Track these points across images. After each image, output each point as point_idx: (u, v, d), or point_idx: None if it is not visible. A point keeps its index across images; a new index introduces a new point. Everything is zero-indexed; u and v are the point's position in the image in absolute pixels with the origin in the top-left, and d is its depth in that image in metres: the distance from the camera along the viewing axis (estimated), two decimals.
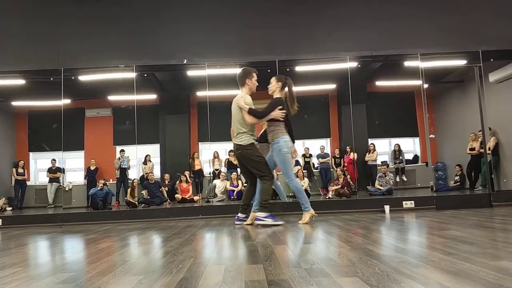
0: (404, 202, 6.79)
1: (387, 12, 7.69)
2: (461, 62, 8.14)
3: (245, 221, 5.15)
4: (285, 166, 4.98)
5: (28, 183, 10.72)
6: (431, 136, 8.09)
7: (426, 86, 7.94)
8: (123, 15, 7.77)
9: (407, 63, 8.31)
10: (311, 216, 4.96)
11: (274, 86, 5.12)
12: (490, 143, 8.07)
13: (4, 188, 10.37)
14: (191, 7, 7.78)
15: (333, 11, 7.77)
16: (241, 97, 4.98)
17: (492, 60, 7.85)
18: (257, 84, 5.16)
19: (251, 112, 4.87)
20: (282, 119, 4.97)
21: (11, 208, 9.54)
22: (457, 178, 9.59)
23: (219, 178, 9.87)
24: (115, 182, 9.97)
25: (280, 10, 7.77)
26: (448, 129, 10.35)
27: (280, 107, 4.95)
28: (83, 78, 8.54)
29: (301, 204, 5.00)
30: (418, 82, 7.80)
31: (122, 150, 10.15)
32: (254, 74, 5.10)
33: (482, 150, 8.06)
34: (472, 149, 8.77)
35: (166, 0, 7.76)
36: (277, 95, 5.10)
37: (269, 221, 4.88)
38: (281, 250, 2.99)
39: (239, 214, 5.24)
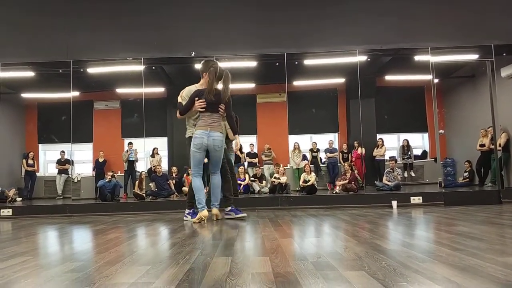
0: (412, 198, 6.76)
1: (398, 5, 7.62)
2: (473, 57, 8.04)
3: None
4: (191, 161, 4.80)
5: (38, 174, 10.82)
6: (441, 131, 8.02)
7: (436, 80, 7.86)
8: (131, 8, 7.78)
9: (418, 57, 8.24)
10: (200, 218, 4.68)
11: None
12: (501, 139, 7.99)
13: (14, 179, 10.48)
14: (200, 0, 7.76)
15: (343, 4, 7.71)
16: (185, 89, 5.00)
17: (504, 54, 7.75)
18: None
19: (178, 106, 4.91)
20: (202, 110, 4.71)
21: (21, 198, 9.65)
22: (466, 174, 9.51)
23: None
24: (123, 174, 10.03)
25: (289, 3, 7.73)
26: (458, 125, 10.25)
27: (197, 98, 4.73)
28: (91, 70, 8.59)
29: (197, 203, 4.78)
30: (428, 77, 7.73)
31: (130, 143, 10.19)
32: (212, 70, 4.74)
33: (492, 146, 7.98)
34: (482, 145, 8.68)
35: None
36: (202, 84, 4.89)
37: (189, 218, 4.99)
38: (288, 243, 3.00)
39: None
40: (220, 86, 4.83)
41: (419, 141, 11.63)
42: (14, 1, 7.88)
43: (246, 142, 10.61)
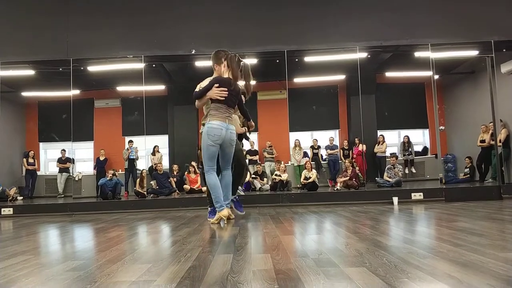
0: (412, 194, 6.76)
1: (397, 2, 7.60)
2: (473, 53, 8.03)
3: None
4: (203, 155, 4.38)
5: (38, 173, 10.84)
6: (441, 127, 8.02)
7: (436, 77, 7.86)
8: (131, 5, 7.76)
9: (418, 54, 8.22)
10: (219, 218, 4.23)
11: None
12: (501, 135, 7.98)
13: (15, 178, 10.49)
14: None
15: (342, 1, 7.69)
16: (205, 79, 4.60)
17: (504, 50, 7.73)
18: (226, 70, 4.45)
19: (194, 93, 4.47)
20: (222, 99, 4.25)
21: (22, 197, 9.66)
22: (466, 170, 9.50)
23: None
24: (124, 172, 10.05)
25: (289, 0, 7.70)
26: (458, 121, 10.25)
27: (217, 85, 4.25)
28: (92, 68, 8.57)
29: (215, 203, 4.31)
30: (428, 73, 7.72)
31: (131, 141, 10.20)
32: (224, 61, 4.38)
33: (492, 142, 7.97)
34: (483, 141, 8.68)
35: None
36: (224, 73, 4.42)
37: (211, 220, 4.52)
38: (289, 240, 3.00)
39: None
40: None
41: (419, 138, 11.63)
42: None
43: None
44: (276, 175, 8.94)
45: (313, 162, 10.00)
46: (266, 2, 7.71)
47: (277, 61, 8.04)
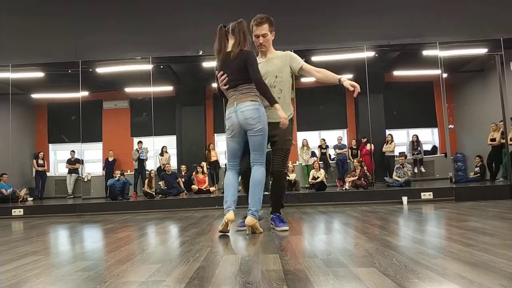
0: (422, 194, 6.71)
1: (405, 0, 7.55)
2: (482, 51, 7.96)
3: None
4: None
5: (48, 174, 10.93)
6: (450, 126, 7.96)
7: (445, 75, 7.80)
8: (139, 7, 7.80)
9: (426, 52, 8.17)
10: (224, 222, 3.43)
11: None
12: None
13: (25, 179, 10.60)
14: None
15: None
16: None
17: None
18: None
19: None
20: (226, 86, 3.47)
21: (32, 198, 9.75)
22: (477, 169, 9.41)
23: None
24: (133, 173, 10.10)
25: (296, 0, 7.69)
26: (468, 119, 10.16)
27: (218, 73, 3.61)
28: (100, 70, 8.64)
29: (223, 202, 3.60)
30: (436, 72, 7.67)
31: (140, 142, 10.25)
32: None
33: (503, 141, 7.89)
34: (493, 139, 8.59)
35: None
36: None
37: (280, 228, 3.67)
38: (297, 241, 2.99)
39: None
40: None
41: (428, 137, 11.56)
42: (23, 1, 7.94)
43: None
44: None
45: (321, 162, 9.97)
46: (273, 2, 7.70)
47: None
